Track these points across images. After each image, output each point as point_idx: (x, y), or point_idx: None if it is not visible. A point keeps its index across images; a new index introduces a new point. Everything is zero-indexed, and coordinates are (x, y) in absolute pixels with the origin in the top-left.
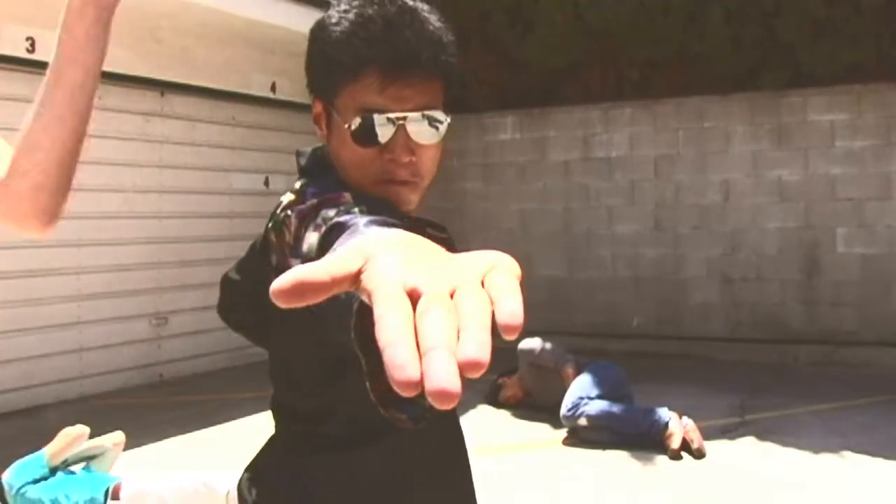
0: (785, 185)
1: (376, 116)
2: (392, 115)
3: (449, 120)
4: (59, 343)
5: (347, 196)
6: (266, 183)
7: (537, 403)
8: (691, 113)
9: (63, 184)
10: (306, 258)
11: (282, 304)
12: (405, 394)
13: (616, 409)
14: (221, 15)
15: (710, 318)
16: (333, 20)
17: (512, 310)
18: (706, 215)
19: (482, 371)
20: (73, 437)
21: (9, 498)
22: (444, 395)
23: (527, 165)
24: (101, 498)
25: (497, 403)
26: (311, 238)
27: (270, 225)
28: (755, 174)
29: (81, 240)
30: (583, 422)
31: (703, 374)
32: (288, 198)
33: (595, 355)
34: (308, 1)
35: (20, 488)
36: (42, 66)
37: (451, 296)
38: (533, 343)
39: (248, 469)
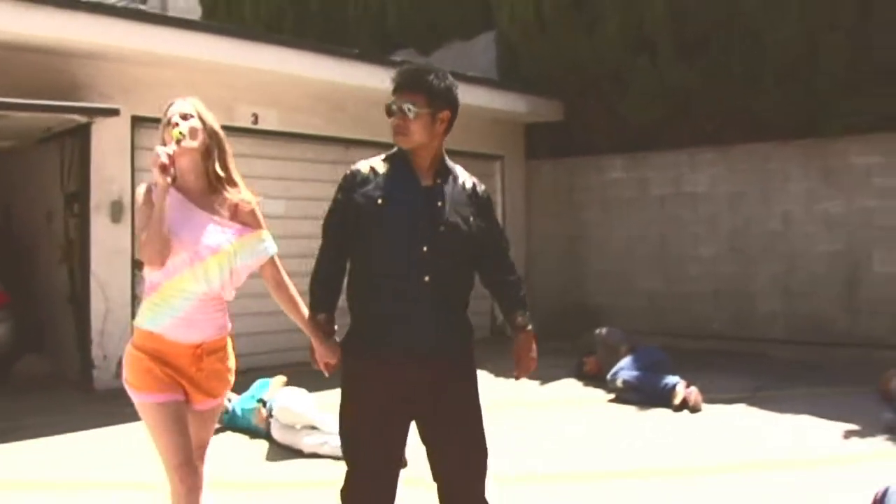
0: (830, 216)
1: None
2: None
3: (418, 110)
4: None
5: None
6: None
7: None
8: (758, 157)
9: None
10: None
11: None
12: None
13: (641, 375)
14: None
15: (773, 323)
16: None
17: None
18: (770, 239)
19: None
20: (278, 383)
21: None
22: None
23: (632, 199)
24: (257, 396)
25: (580, 376)
26: None
27: None
28: (807, 207)
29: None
30: (619, 384)
31: (753, 366)
32: None
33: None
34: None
35: (233, 413)
36: (262, 133)
37: None
38: (604, 329)
39: None
